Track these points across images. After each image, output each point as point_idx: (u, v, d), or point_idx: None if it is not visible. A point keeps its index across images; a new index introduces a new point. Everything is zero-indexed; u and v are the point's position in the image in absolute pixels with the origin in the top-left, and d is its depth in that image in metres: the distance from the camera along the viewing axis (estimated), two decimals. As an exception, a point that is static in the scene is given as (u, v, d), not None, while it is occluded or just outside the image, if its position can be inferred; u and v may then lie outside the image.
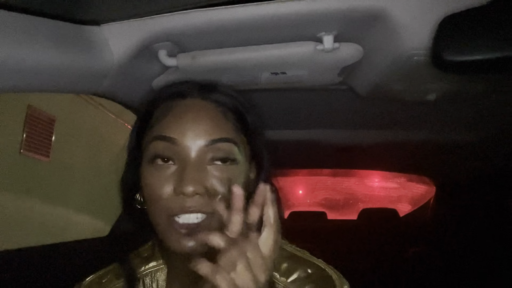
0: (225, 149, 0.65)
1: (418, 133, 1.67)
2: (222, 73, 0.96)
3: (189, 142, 0.63)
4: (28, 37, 0.66)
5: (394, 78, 0.94)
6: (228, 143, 0.65)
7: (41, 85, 0.75)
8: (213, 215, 0.63)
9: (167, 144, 0.64)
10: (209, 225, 0.63)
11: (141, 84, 0.98)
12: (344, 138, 1.80)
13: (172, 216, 0.62)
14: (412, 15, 0.73)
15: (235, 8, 0.74)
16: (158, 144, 0.64)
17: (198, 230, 0.61)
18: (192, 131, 0.64)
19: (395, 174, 3.41)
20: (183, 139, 0.64)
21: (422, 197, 3.63)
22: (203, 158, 0.64)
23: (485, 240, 2.45)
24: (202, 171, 0.63)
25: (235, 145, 0.66)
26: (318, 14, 0.75)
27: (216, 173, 0.64)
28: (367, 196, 4.58)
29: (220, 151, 0.64)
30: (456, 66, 0.68)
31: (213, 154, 0.64)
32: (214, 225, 0.63)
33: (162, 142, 0.64)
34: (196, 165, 0.63)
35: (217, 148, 0.64)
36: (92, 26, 0.77)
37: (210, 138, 0.64)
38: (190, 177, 0.61)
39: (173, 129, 0.65)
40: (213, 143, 0.64)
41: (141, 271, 0.73)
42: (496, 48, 0.65)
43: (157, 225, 0.65)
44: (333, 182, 4.51)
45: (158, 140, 0.65)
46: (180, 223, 0.62)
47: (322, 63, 0.91)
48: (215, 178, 0.63)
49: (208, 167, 0.64)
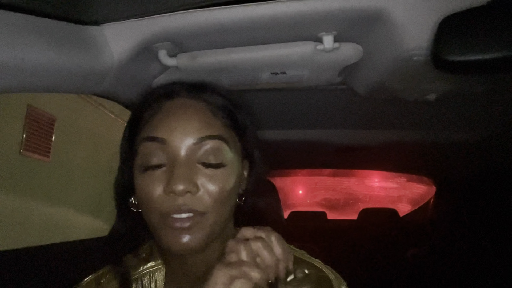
0: (214, 146, 0.64)
1: (418, 133, 1.67)
2: (222, 73, 0.96)
3: (178, 141, 0.63)
4: (28, 37, 0.66)
5: (394, 78, 0.94)
6: (217, 140, 0.65)
7: (41, 85, 0.75)
8: (205, 214, 0.62)
9: (157, 145, 0.64)
10: (202, 223, 0.63)
11: (141, 84, 0.97)
12: (344, 138, 1.80)
13: (165, 216, 0.62)
14: (412, 15, 0.73)
15: (235, 8, 0.74)
16: (148, 145, 0.64)
17: (191, 224, 0.61)
18: (180, 129, 0.64)
19: (395, 174, 3.41)
20: (171, 138, 0.63)
21: (422, 197, 3.63)
22: (192, 156, 0.63)
23: (486, 240, 2.45)
24: (192, 170, 0.62)
25: (224, 143, 0.65)
26: (318, 14, 0.75)
27: (207, 172, 0.63)
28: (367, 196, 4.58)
29: (209, 149, 0.64)
30: (456, 66, 0.68)
31: (202, 153, 0.64)
32: (207, 223, 0.63)
33: (152, 143, 0.64)
34: (185, 163, 0.62)
35: (206, 145, 0.64)
36: (92, 26, 0.77)
37: (199, 136, 0.64)
38: (180, 175, 0.60)
39: (162, 129, 0.64)
40: (202, 140, 0.64)
41: (139, 271, 0.73)
42: (496, 48, 0.65)
43: (152, 225, 0.65)
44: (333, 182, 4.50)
45: (147, 142, 0.64)
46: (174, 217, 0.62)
47: (322, 63, 0.91)
48: (205, 176, 0.63)
49: (198, 165, 0.63)
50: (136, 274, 0.73)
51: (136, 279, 0.73)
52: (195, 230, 0.62)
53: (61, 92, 0.83)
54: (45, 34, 0.68)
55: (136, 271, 0.73)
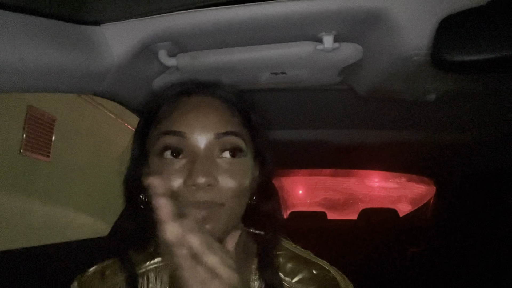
0: (232, 142, 0.66)
1: (418, 133, 1.67)
2: (222, 73, 0.96)
3: (198, 136, 0.64)
4: (28, 37, 0.66)
5: (394, 78, 0.94)
6: (236, 137, 0.66)
7: (41, 85, 0.75)
8: (222, 206, 0.63)
9: (176, 138, 0.65)
10: (221, 213, 0.63)
11: (141, 84, 0.98)
12: (344, 138, 1.80)
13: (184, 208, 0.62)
14: (412, 15, 0.73)
15: (235, 8, 0.74)
16: (167, 139, 0.65)
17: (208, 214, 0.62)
18: (200, 125, 0.65)
19: (395, 174, 3.41)
20: (192, 132, 0.64)
21: (422, 197, 3.62)
22: (212, 151, 0.65)
23: (485, 239, 2.45)
24: (212, 164, 0.64)
25: (241, 139, 0.67)
26: (318, 14, 0.75)
27: (226, 166, 0.64)
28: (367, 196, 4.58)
29: (228, 144, 0.65)
30: (456, 66, 0.68)
31: (221, 148, 0.65)
32: (224, 216, 0.63)
33: (171, 137, 0.65)
34: (206, 157, 0.63)
35: (226, 141, 0.65)
36: (92, 26, 0.77)
37: (219, 131, 0.65)
38: (201, 168, 0.61)
39: (182, 124, 0.65)
40: (222, 136, 0.65)
41: (146, 266, 0.73)
42: (496, 48, 0.65)
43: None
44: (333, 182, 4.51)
45: (167, 135, 0.65)
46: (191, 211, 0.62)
47: (322, 63, 0.91)
48: (225, 170, 0.64)
49: (217, 160, 0.65)
50: (143, 269, 0.73)
51: (142, 274, 0.72)
52: (213, 219, 0.62)
53: (61, 92, 0.83)
54: (45, 34, 0.68)
55: (143, 266, 0.73)
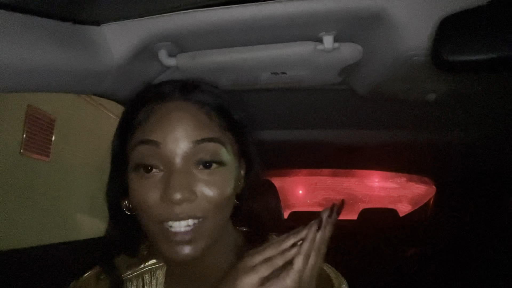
0: (210, 150, 0.63)
1: (418, 133, 1.67)
2: (222, 73, 0.96)
3: (173, 146, 0.62)
4: (28, 37, 0.66)
5: (394, 78, 0.94)
6: (213, 143, 0.63)
7: (41, 85, 0.75)
8: (205, 219, 0.62)
9: (151, 148, 0.62)
10: (203, 230, 0.62)
11: (141, 84, 0.97)
12: (344, 138, 1.80)
13: (163, 223, 0.61)
14: (412, 15, 0.73)
15: (235, 8, 0.74)
16: (142, 149, 0.63)
17: (191, 237, 0.61)
18: (175, 134, 0.62)
19: (395, 174, 3.40)
20: (166, 142, 0.62)
21: (422, 197, 3.62)
22: (189, 162, 0.62)
23: (485, 240, 2.45)
24: (189, 176, 0.61)
25: (221, 145, 0.64)
26: (318, 14, 0.75)
27: (204, 177, 0.62)
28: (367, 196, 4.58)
29: (205, 152, 0.62)
30: (456, 66, 0.68)
31: (199, 157, 0.62)
32: (207, 229, 0.62)
33: (146, 146, 0.62)
34: (182, 170, 0.61)
35: (203, 149, 0.62)
36: (92, 26, 0.77)
37: (194, 139, 0.62)
38: (177, 183, 0.59)
39: (156, 133, 0.63)
40: (198, 144, 0.62)
41: (140, 268, 0.73)
42: (496, 48, 0.65)
43: (149, 232, 0.64)
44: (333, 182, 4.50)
45: (142, 145, 0.63)
46: (172, 231, 0.60)
47: (322, 63, 0.91)
48: (203, 182, 0.62)
49: (194, 171, 0.62)
50: (138, 271, 0.73)
51: (137, 276, 0.73)
52: (195, 239, 0.61)
53: (61, 92, 0.83)
54: (45, 34, 0.68)
55: (137, 268, 0.73)
